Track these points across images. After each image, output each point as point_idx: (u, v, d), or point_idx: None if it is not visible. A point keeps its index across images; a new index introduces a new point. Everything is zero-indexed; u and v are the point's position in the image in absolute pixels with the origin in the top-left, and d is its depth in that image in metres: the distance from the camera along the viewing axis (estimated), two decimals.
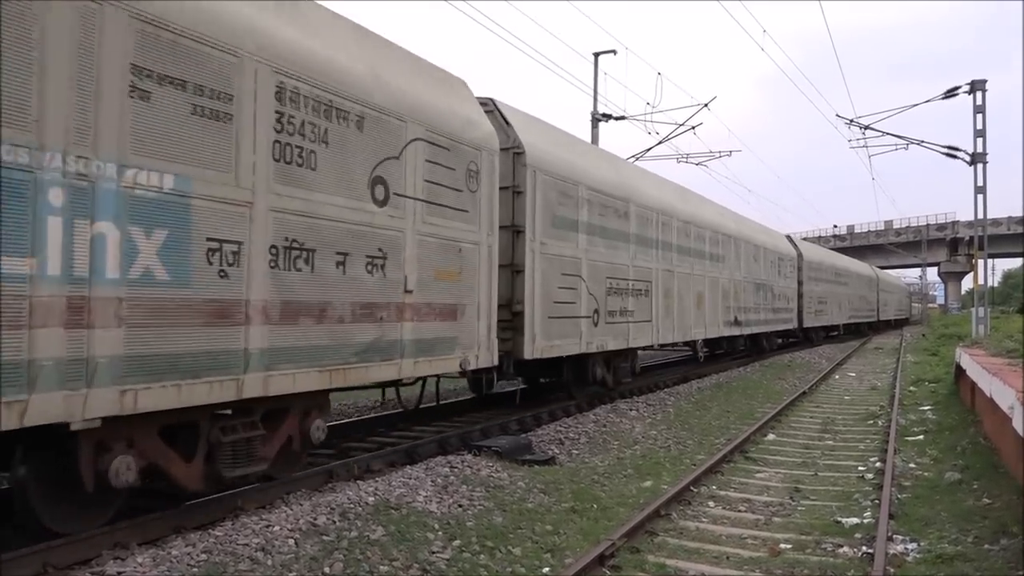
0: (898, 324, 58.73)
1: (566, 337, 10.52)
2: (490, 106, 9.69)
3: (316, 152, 6.00)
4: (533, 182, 9.82)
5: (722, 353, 21.05)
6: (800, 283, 26.45)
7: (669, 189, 15.54)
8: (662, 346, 15.46)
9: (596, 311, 11.36)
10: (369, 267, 6.63)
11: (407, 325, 7.17)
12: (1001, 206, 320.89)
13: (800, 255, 26.83)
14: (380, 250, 6.79)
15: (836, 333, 36.02)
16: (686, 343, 16.69)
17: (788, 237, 27.40)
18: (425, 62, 8.10)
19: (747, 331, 19.97)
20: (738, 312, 18.91)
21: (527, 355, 9.63)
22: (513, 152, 9.70)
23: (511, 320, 9.56)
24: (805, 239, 42.71)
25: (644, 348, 13.81)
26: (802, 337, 29.24)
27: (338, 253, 6.23)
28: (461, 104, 8.41)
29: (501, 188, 9.16)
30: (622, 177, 12.91)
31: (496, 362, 8.86)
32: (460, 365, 8.09)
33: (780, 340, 27.49)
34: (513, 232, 9.65)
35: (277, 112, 5.71)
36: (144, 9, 4.69)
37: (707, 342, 18.81)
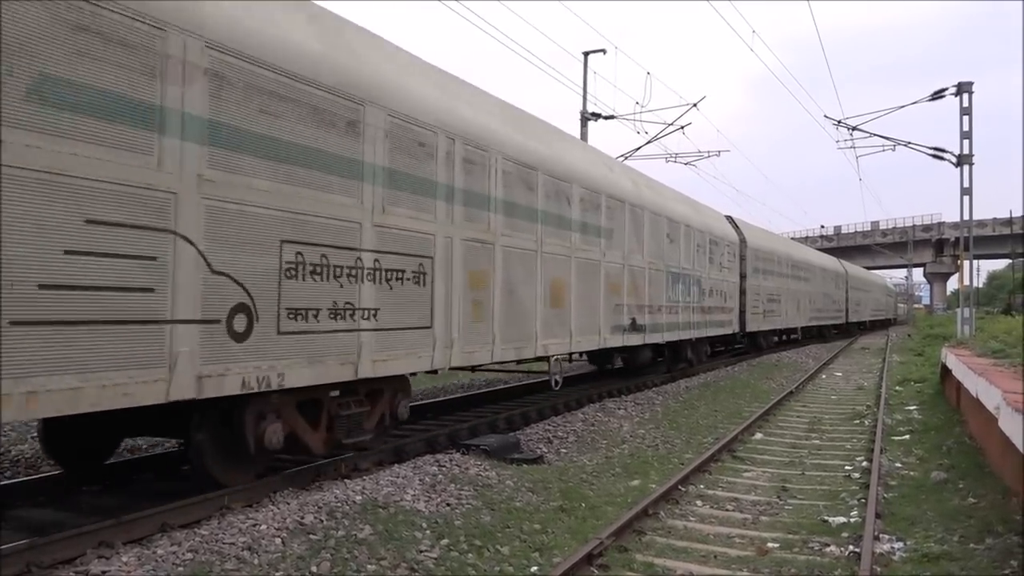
0: (875, 326, 54.69)
1: (101, 369, 4.61)
2: None
3: None
4: None
5: (618, 370, 15.51)
6: (743, 276, 21.15)
7: (487, 104, 9.46)
8: (456, 368, 8.69)
9: (244, 308, 5.56)
10: None
11: None
12: (987, 208, 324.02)
13: (743, 241, 21.49)
14: None
15: (795, 336, 30.75)
16: (524, 361, 10.38)
17: (728, 218, 21.91)
18: None
19: (654, 339, 14.24)
20: (637, 312, 13.28)
21: None
22: None
23: None
24: (793, 239, 42.57)
25: (428, 372, 8.03)
26: (747, 344, 24.32)
27: None
28: None
29: None
30: (337, 50, 6.68)
31: None
32: None
33: (721, 347, 23.44)
34: None
35: None
36: None
37: (590, 356, 13.74)
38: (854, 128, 22.80)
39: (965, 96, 20.28)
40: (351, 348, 6.60)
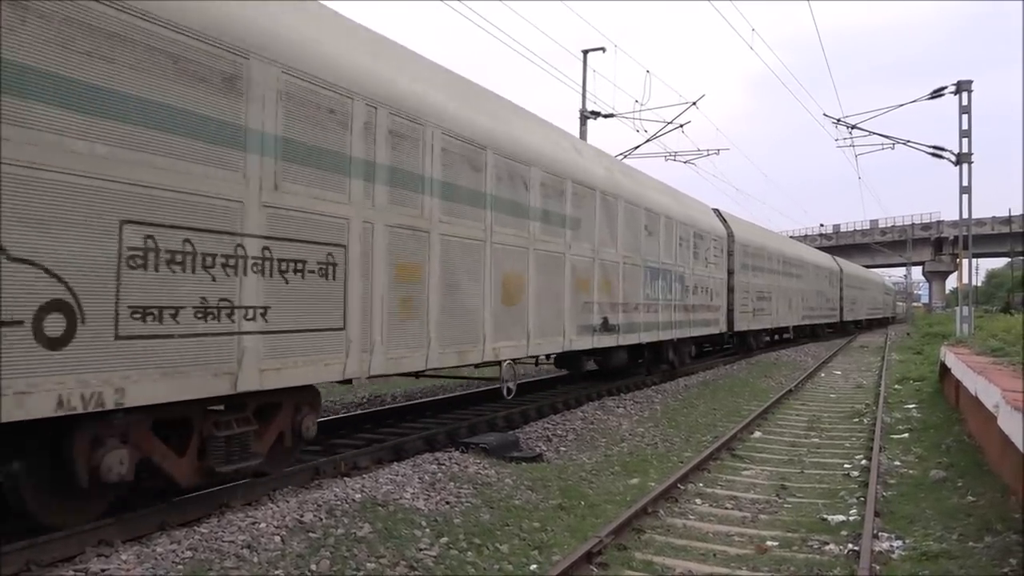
0: (873, 325, 53.57)
1: None
2: None
3: None
4: None
5: (591, 373, 13.85)
6: (731, 272, 20.02)
7: (424, 70, 8.14)
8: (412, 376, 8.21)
9: (62, 306, 4.28)
10: None
11: None
12: (986, 206, 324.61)
13: (731, 235, 20.28)
14: None
15: (787, 336, 29.86)
16: (480, 366, 9.11)
17: (716, 211, 20.67)
18: None
19: (629, 340, 12.95)
20: (610, 311, 12.14)
21: None
22: None
23: None
24: (792, 238, 42.48)
25: (340, 382, 6.75)
26: (736, 343, 23.26)
27: None
28: None
29: None
30: None
31: None
32: None
33: (709, 347, 22.66)
34: None
35: None
36: None
37: (557, 359, 12.23)
38: (853, 126, 22.79)
39: (964, 94, 20.28)
40: (228, 355, 5.28)
